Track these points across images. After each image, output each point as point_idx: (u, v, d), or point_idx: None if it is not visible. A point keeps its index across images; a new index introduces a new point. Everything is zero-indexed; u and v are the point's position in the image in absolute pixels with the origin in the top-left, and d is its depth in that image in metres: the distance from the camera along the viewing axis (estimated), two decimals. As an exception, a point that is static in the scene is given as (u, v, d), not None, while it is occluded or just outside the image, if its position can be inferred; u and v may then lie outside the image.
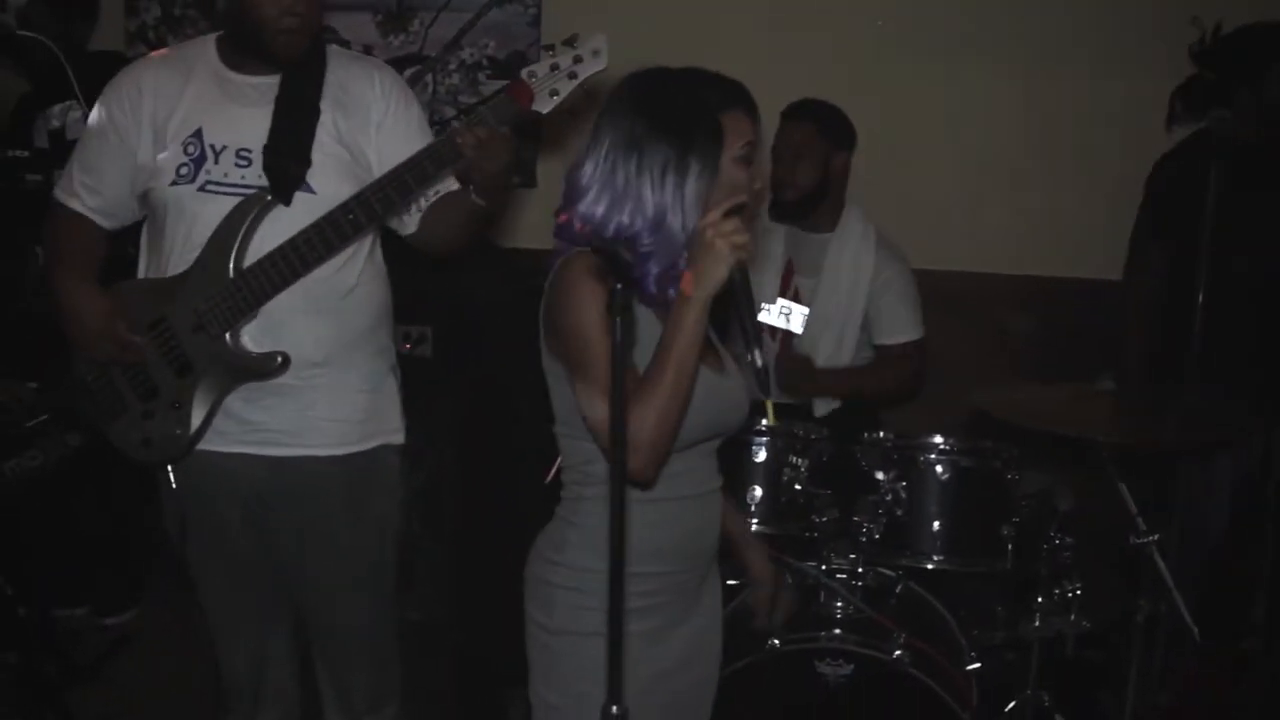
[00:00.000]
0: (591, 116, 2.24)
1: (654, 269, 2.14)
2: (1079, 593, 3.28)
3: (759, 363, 2.06)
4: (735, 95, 2.19)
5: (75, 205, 2.88)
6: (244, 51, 2.78)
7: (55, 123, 4.12)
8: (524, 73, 2.61)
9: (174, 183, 2.73)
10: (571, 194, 2.18)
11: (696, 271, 2.04)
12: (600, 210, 2.14)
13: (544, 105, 2.62)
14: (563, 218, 2.20)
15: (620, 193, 2.12)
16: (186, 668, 3.90)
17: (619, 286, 1.81)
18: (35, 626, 3.80)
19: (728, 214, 2.06)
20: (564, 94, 2.62)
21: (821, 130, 3.93)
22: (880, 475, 3.29)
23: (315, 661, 3.05)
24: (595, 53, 2.60)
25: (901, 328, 3.95)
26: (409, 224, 2.94)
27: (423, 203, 2.91)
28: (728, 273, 2.02)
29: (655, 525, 2.19)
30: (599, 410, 2.02)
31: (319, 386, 2.81)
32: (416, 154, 2.66)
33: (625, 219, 2.12)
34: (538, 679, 2.29)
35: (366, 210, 2.65)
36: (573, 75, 2.60)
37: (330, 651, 3.01)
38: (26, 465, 3.31)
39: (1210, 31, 3.85)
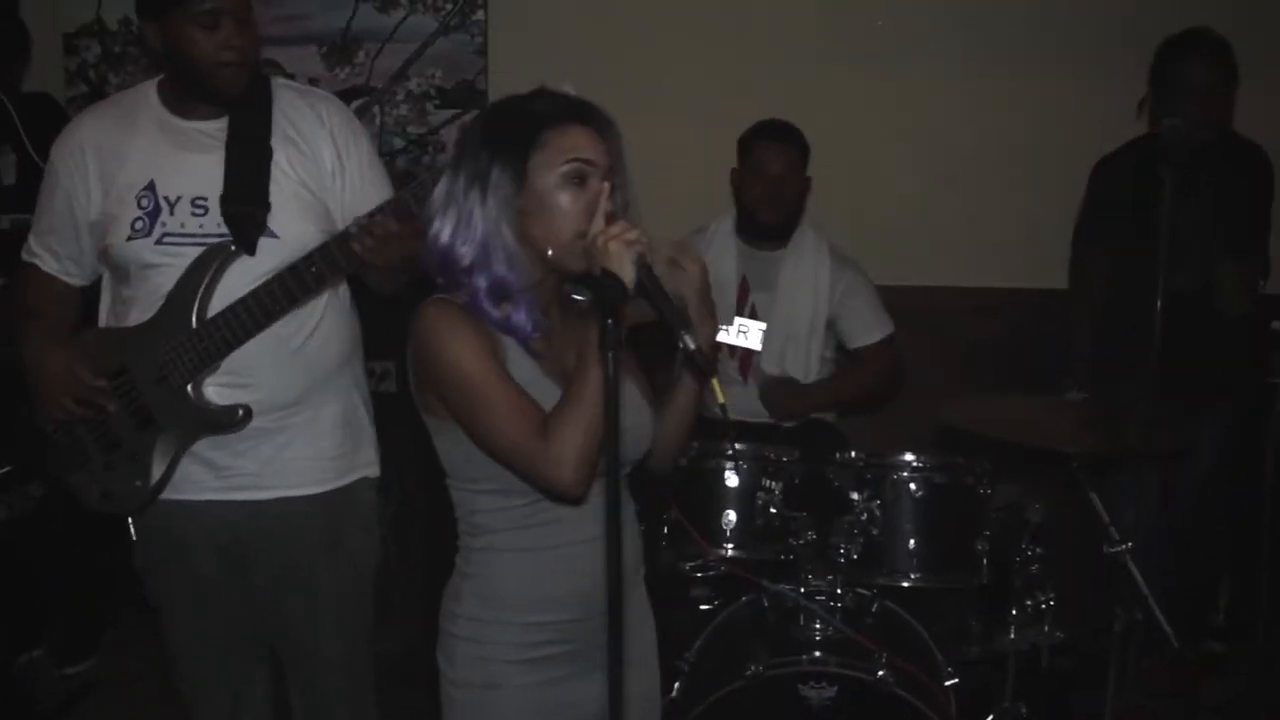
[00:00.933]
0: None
1: (481, 283, 2.07)
2: (1052, 604, 3.30)
3: (691, 345, 1.99)
4: (576, 111, 2.10)
5: (42, 266, 2.85)
6: (186, 93, 2.74)
7: None
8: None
9: (130, 238, 2.69)
10: (424, 226, 2.14)
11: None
12: (434, 232, 2.09)
13: None
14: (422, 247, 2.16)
15: (446, 210, 2.08)
16: (146, 712, 3.86)
17: (610, 322, 1.80)
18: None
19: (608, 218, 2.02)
20: None
21: (802, 156, 3.97)
22: (855, 495, 3.28)
23: (292, 700, 3.01)
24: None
25: (871, 329, 4.03)
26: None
27: None
28: (635, 273, 1.96)
29: (550, 573, 2.15)
30: (510, 434, 2.01)
31: (293, 426, 2.78)
32: (398, 194, 2.58)
33: (446, 238, 2.07)
34: None
35: (329, 261, 2.60)
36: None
37: (308, 690, 2.97)
38: (-10, 520, 3.24)
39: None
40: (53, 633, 4.44)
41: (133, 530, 2.82)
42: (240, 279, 2.65)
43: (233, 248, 2.67)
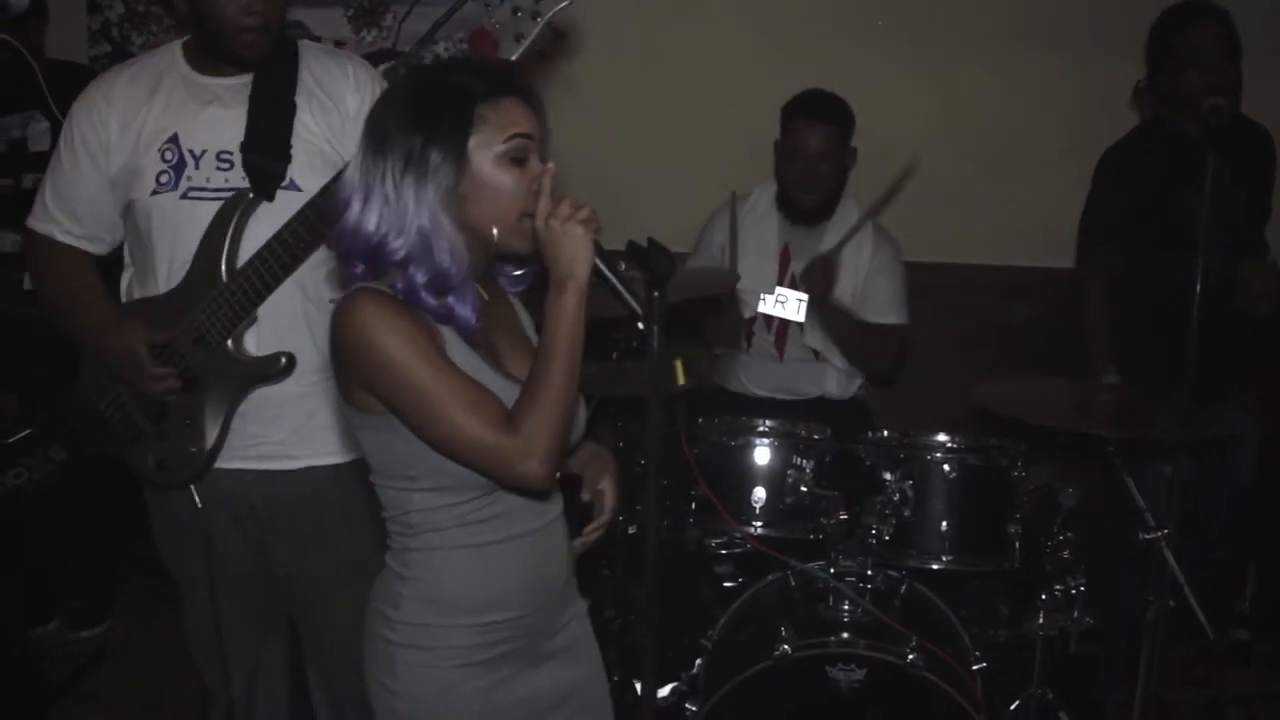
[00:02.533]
0: (566, 60, 2.14)
1: (419, 277, 1.95)
2: (1083, 589, 3.25)
3: (639, 310, 1.94)
4: (504, 82, 2.00)
5: (57, 235, 2.79)
6: (209, 54, 2.71)
7: (16, 133, 4.01)
8: (485, 24, 2.52)
9: (155, 191, 2.66)
10: (337, 205, 2.02)
11: (559, 265, 1.92)
12: (353, 216, 1.97)
13: (510, 51, 2.53)
14: (332, 233, 2.05)
15: (369, 195, 1.95)
16: (165, 681, 3.88)
17: (656, 295, 1.75)
18: (15, 645, 3.71)
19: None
20: (530, 35, 2.52)
21: (843, 132, 3.91)
22: (887, 475, 3.25)
23: (309, 673, 3.00)
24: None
25: (889, 310, 3.96)
26: None
27: None
28: (592, 251, 1.91)
29: (498, 570, 2.07)
30: (471, 430, 1.91)
31: (317, 394, 2.75)
32: None
33: (370, 225, 1.95)
34: None
35: None
36: (535, 15, 2.51)
37: (325, 661, 2.95)
38: (12, 485, 3.20)
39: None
40: (70, 596, 4.44)
41: (196, 498, 2.76)
42: (264, 231, 2.62)
43: (251, 196, 2.64)
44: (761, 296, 3.87)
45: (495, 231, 1.98)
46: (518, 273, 2.15)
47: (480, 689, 2.07)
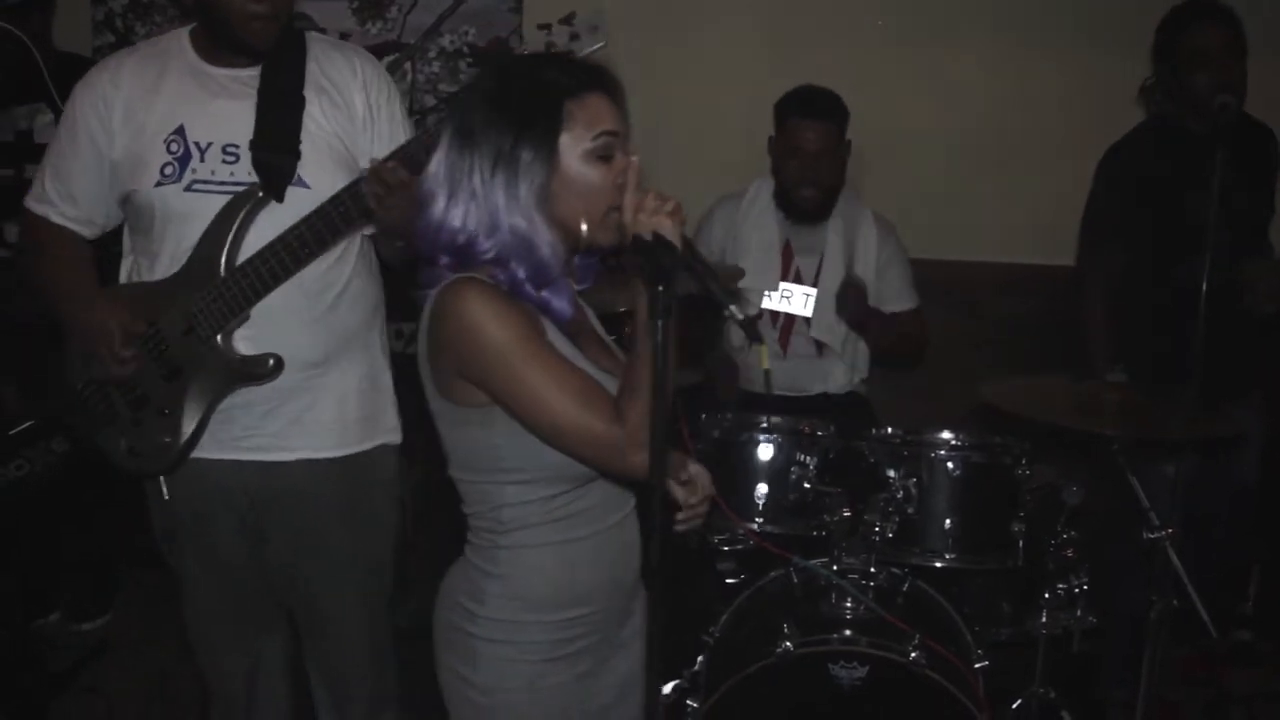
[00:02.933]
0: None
1: (520, 272, 1.97)
2: (1086, 588, 3.24)
3: (739, 316, 1.92)
4: (590, 78, 2.01)
5: (53, 216, 2.78)
6: (217, 44, 2.69)
7: (23, 124, 4.00)
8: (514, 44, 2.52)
9: (159, 183, 2.64)
10: (419, 200, 2.03)
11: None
12: (439, 212, 1.98)
13: None
14: (413, 229, 2.05)
15: (454, 192, 1.97)
16: (166, 674, 3.87)
17: (660, 289, 1.73)
18: (16, 637, 3.70)
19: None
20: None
21: (839, 128, 3.91)
22: (891, 472, 3.24)
23: (309, 668, 3.00)
24: (594, 29, 2.51)
25: (905, 296, 4.03)
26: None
27: None
28: (680, 244, 1.91)
29: (584, 565, 2.09)
30: (585, 420, 1.92)
31: (316, 388, 2.75)
32: (407, 142, 2.57)
33: (458, 222, 1.96)
34: None
35: (359, 202, 2.55)
36: (569, 55, 2.49)
37: (326, 657, 2.96)
38: (13, 476, 3.20)
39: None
40: (70, 588, 4.44)
41: (165, 490, 2.76)
42: (269, 229, 2.61)
43: (260, 194, 2.62)
44: (766, 294, 3.87)
45: (584, 227, 1.99)
46: (583, 265, 2.16)
47: (560, 683, 2.10)
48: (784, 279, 3.92)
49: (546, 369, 1.93)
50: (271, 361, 2.65)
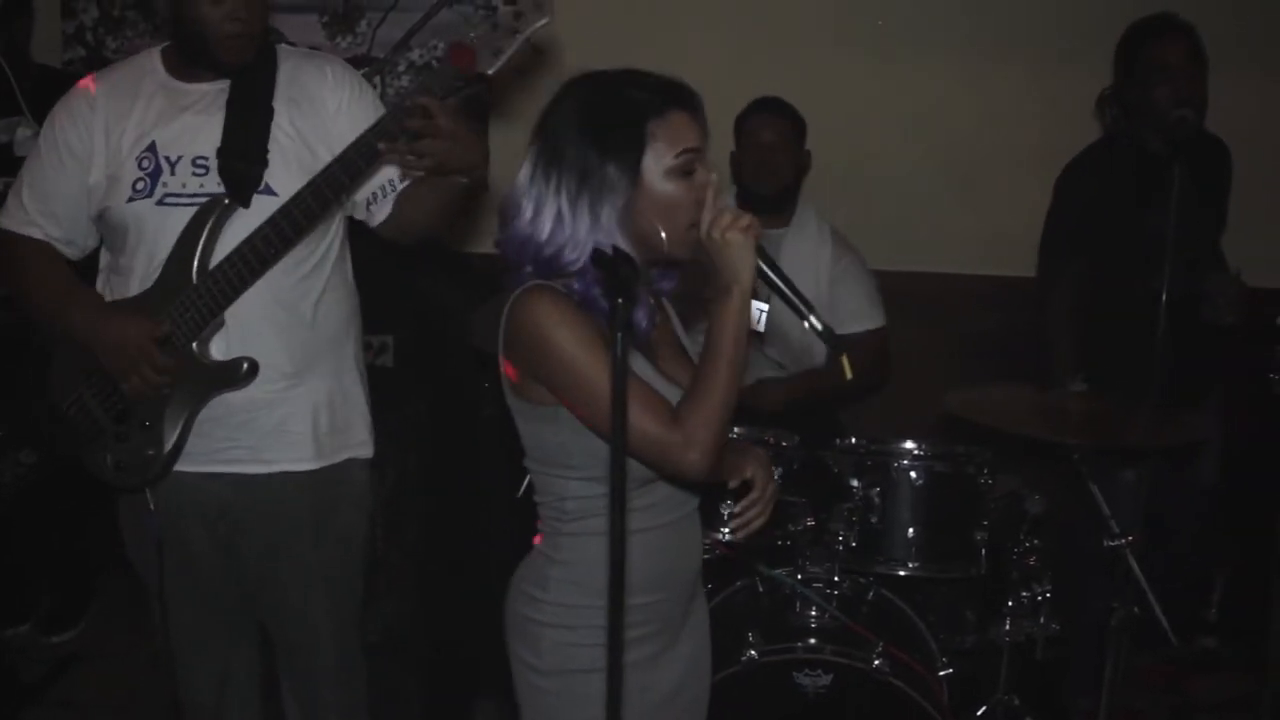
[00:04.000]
0: (542, 79, 2.16)
1: (590, 283, 2.04)
2: (1048, 596, 3.28)
3: (819, 326, 2.09)
4: (672, 96, 2.06)
5: (38, 235, 2.78)
6: (190, 60, 2.71)
7: (2, 137, 3.99)
8: (464, 38, 2.52)
9: (131, 199, 2.66)
10: (506, 210, 2.09)
11: (724, 271, 2.02)
12: (525, 225, 2.04)
13: (487, 65, 2.51)
14: (502, 237, 2.12)
15: (540, 206, 2.03)
16: (137, 686, 3.86)
17: (620, 301, 1.76)
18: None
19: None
20: (508, 51, 2.51)
21: (794, 127, 3.98)
22: (854, 482, 3.27)
23: (281, 678, 2.99)
24: (537, 5, 2.50)
25: (860, 317, 4.00)
26: (378, 213, 2.85)
27: (393, 186, 2.82)
28: (754, 257, 2.02)
29: (642, 556, 2.12)
30: (636, 420, 1.97)
31: (288, 400, 2.75)
32: (363, 133, 2.58)
33: (544, 235, 2.03)
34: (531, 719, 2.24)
35: (317, 195, 2.58)
36: (514, 31, 2.50)
37: (297, 668, 2.95)
38: (-20, 487, 3.20)
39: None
40: (40, 601, 4.43)
41: (150, 501, 2.76)
42: (238, 236, 2.62)
43: (226, 201, 2.64)
44: None
45: (664, 241, 2.05)
46: (662, 277, 2.23)
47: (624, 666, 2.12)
48: None
49: (606, 375, 1.96)
50: (245, 365, 2.66)
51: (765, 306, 3.85)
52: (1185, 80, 3.57)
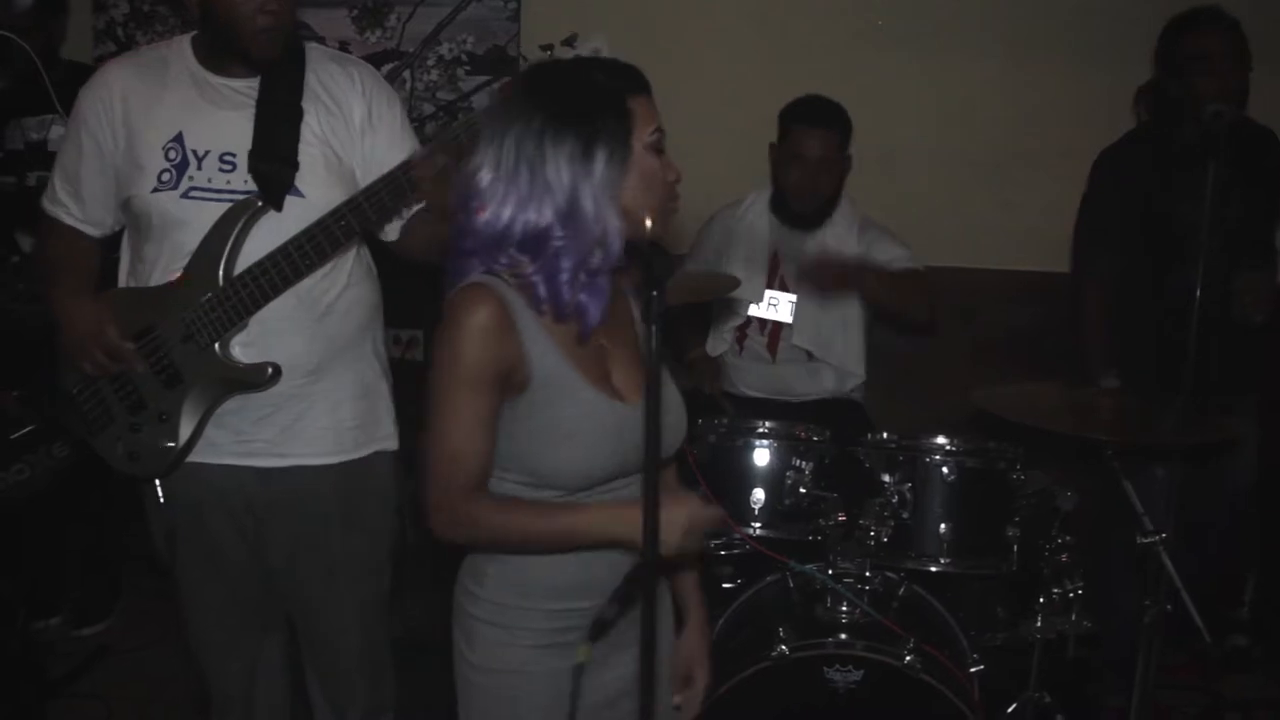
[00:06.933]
0: None
1: (567, 265, 2.00)
2: (1080, 593, 3.25)
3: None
4: (639, 80, 2.07)
5: (63, 217, 2.81)
6: (220, 52, 2.71)
7: (34, 135, 4.02)
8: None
9: (156, 189, 2.66)
10: (468, 201, 2.04)
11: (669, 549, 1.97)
12: (506, 212, 1.99)
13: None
14: (461, 227, 2.07)
15: (527, 190, 1.98)
16: (165, 678, 3.88)
17: (654, 294, 1.75)
18: (15, 641, 3.71)
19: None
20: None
21: (844, 139, 3.93)
22: (885, 477, 3.24)
23: (308, 672, 3.01)
24: (595, 52, 2.53)
25: (901, 260, 3.94)
26: (390, 231, 2.88)
27: (405, 211, 2.84)
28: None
29: (565, 563, 2.11)
30: (435, 463, 2.01)
31: (312, 394, 2.76)
32: (415, 155, 2.60)
33: (533, 215, 1.98)
34: (462, 710, 2.22)
35: (359, 215, 2.60)
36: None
37: (324, 662, 2.96)
38: (14, 480, 3.21)
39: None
40: (70, 594, 4.45)
41: (160, 493, 2.78)
42: (266, 238, 2.63)
43: (259, 203, 2.64)
44: (751, 303, 3.91)
45: (649, 221, 1.99)
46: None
47: (553, 670, 2.11)
48: (769, 286, 3.95)
49: (455, 413, 1.99)
50: (270, 370, 2.68)
51: (794, 297, 3.88)
52: (1225, 73, 3.54)
